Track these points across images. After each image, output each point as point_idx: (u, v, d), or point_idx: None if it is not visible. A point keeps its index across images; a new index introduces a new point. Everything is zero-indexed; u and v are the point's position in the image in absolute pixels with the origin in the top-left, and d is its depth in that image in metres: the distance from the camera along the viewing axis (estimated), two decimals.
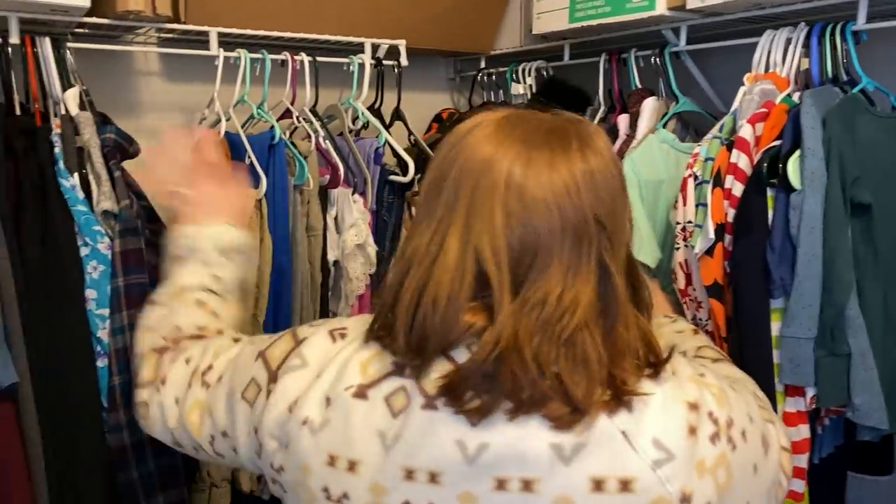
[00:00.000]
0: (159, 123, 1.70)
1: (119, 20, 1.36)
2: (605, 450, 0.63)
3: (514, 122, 0.69)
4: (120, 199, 1.21)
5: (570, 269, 0.64)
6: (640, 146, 1.36)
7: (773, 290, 1.07)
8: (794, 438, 1.09)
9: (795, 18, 1.28)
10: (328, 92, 1.63)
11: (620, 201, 0.68)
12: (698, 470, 0.64)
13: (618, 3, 1.43)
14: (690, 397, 0.66)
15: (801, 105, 1.10)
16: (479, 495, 0.64)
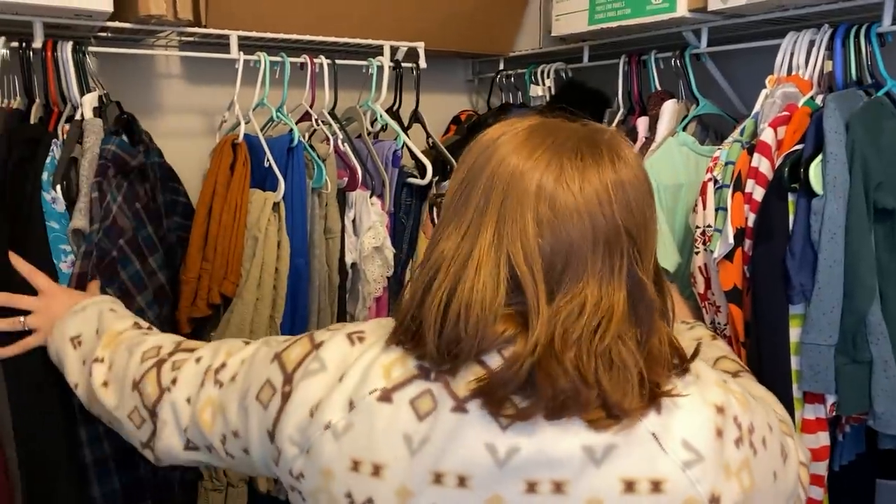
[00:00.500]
0: (180, 126, 1.72)
1: (141, 24, 1.37)
2: (636, 451, 0.63)
3: (545, 130, 0.69)
4: (94, 220, 1.17)
5: (602, 278, 0.64)
6: (659, 150, 1.34)
7: (792, 295, 1.06)
8: (813, 446, 1.07)
9: (819, 20, 1.26)
10: (347, 94, 1.64)
11: (649, 211, 0.69)
12: (725, 472, 0.65)
13: (638, 4, 1.42)
14: (718, 400, 0.67)
15: (824, 109, 1.08)
16: (508, 498, 0.64)
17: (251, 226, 1.37)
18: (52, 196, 1.16)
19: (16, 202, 1.14)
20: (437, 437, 0.65)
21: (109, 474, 1.17)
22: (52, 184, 1.16)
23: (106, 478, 1.17)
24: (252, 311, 1.36)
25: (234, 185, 1.39)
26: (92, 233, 1.16)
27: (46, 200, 1.15)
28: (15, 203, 1.14)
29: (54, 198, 1.16)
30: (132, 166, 1.25)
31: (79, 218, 1.16)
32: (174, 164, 1.50)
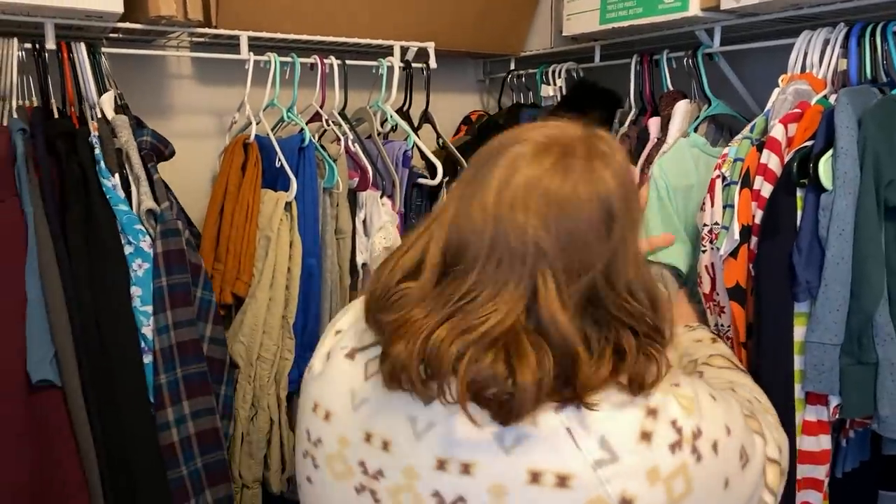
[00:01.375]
0: (191, 126, 1.72)
1: (152, 25, 1.38)
2: (547, 444, 0.63)
3: (535, 128, 0.70)
4: (160, 200, 1.23)
5: (496, 280, 0.64)
6: (670, 151, 1.33)
7: (798, 293, 1.04)
8: (814, 449, 1.05)
9: (834, 18, 1.25)
10: (357, 95, 1.64)
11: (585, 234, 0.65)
12: (649, 477, 0.63)
13: (650, 3, 1.41)
14: (651, 403, 0.65)
15: (837, 103, 1.06)
16: (421, 471, 0.66)
17: (263, 226, 1.37)
18: (113, 182, 1.22)
19: (76, 189, 1.19)
20: (373, 400, 0.70)
21: (194, 455, 1.22)
22: (110, 171, 1.22)
23: (191, 458, 1.22)
24: (265, 312, 1.36)
25: (246, 186, 1.39)
26: (164, 211, 1.22)
27: (109, 186, 1.21)
28: (76, 190, 1.19)
29: (115, 184, 1.22)
30: (166, 154, 1.32)
31: (147, 199, 1.22)
32: (185, 165, 1.50)
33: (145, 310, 1.19)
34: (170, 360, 1.19)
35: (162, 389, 1.18)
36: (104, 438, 1.14)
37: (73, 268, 1.14)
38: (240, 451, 1.37)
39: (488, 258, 0.64)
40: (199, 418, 1.22)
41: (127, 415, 1.16)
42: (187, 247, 1.23)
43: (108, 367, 1.15)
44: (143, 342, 1.18)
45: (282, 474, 1.41)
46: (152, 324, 1.19)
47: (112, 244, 1.18)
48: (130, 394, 1.17)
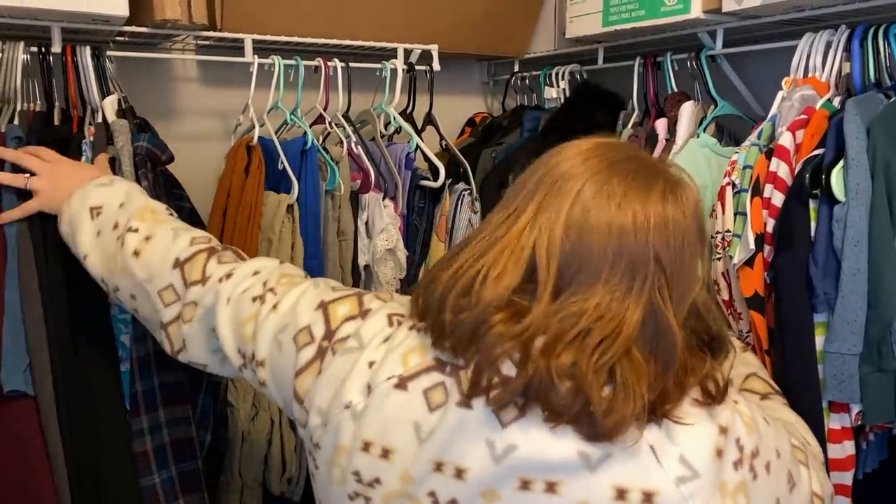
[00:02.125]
0: (196, 128, 1.74)
1: (157, 28, 1.39)
2: (632, 461, 0.64)
3: (610, 147, 0.73)
4: None
5: (615, 295, 0.65)
6: (682, 152, 1.32)
7: (816, 304, 1.04)
8: (839, 455, 1.05)
9: (836, 21, 1.24)
10: (361, 97, 1.64)
11: (689, 253, 0.69)
12: (721, 492, 0.65)
13: (652, 6, 1.41)
14: (722, 421, 0.67)
15: (845, 113, 1.06)
16: (502, 493, 0.66)
17: (265, 228, 1.38)
18: None
19: None
20: (444, 429, 0.67)
21: (167, 463, 1.21)
22: None
23: (164, 466, 1.21)
24: None
25: (249, 188, 1.40)
26: None
27: None
28: None
29: None
30: (163, 160, 1.31)
31: None
32: (189, 167, 1.51)
33: (124, 317, 1.18)
34: (147, 367, 1.18)
35: (138, 397, 1.18)
36: (74, 445, 1.13)
37: (51, 276, 1.13)
38: (240, 451, 1.38)
39: (612, 272, 0.65)
40: (175, 427, 1.21)
41: (100, 422, 1.15)
42: None
43: (83, 375, 1.14)
44: (122, 350, 1.18)
45: (282, 475, 1.42)
46: (131, 332, 1.18)
47: None
48: (105, 401, 1.16)
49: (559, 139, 1.57)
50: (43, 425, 1.11)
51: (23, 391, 1.08)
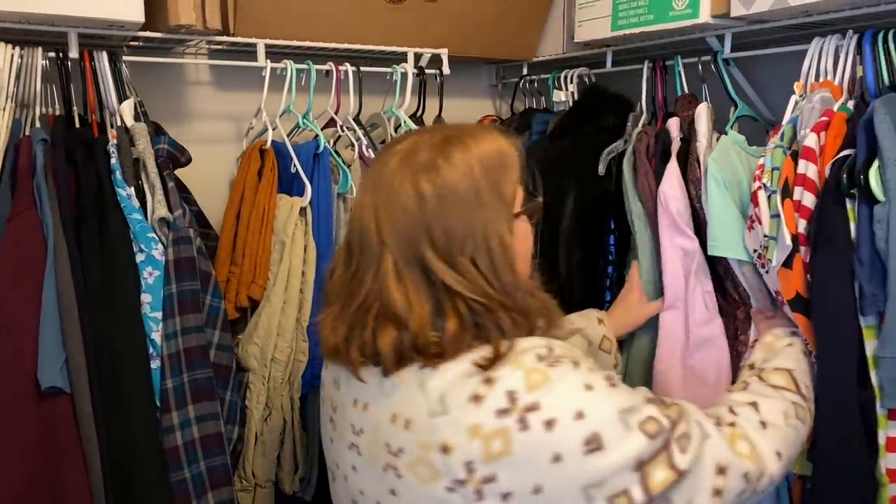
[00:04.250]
0: (209, 132, 1.76)
1: (171, 34, 1.41)
2: (406, 393, 0.80)
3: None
4: (173, 208, 1.26)
5: (391, 266, 0.81)
6: (716, 148, 1.30)
7: (865, 306, 1.02)
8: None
9: (844, 25, 1.25)
10: (371, 101, 1.66)
11: (469, 213, 0.82)
12: (470, 432, 0.76)
13: (661, 10, 1.42)
14: (492, 373, 0.78)
15: (874, 114, 1.04)
16: (345, 408, 0.88)
17: (278, 230, 1.40)
18: (128, 192, 1.25)
19: (92, 200, 1.22)
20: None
21: (197, 458, 1.25)
22: (126, 182, 1.25)
23: (194, 461, 1.25)
24: (279, 314, 1.39)
25: (262, 191, 1.42)
26: (176, 219, 1.25)
27: (124, 196, 1.24)
28: (92, 200, 1.22)
29: (129, 194, 1.25)
30: (182, 162, 1.35)
31: (161, 208, 1.25)
32: (203, 170, 1.53)
33: (155, 316, 1.21)
34: (177, 365, 1.22)
35: (168, 394, 1.21)
36: (108, 442, 1.17)
37: (87, 276, 1.17)
38: (253, 451, 1.40)
39: (361, 250, 0.84)
40: (204, 423, 1.25)
41: (132, 418, 1.19)
42: (198, 254, 1.26)
43: (116, 371, 1.18)
44: (152, 347, 1.21)
45: (294, 474, 1.44)
46: (161, 329, 1.21)
47: (124, 253, 1.21)
48: (137, 397, 1.19)
49: (568, 142, 1.62)
50: (78, 421, 1.15)
51: (59, 387, 1.12)
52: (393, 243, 0.81)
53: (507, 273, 0.82)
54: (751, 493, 0.84)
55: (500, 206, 0.84)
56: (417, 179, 0.81)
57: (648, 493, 0.76)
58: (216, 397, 1.27)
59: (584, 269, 1.50)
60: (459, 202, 0.81)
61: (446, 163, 0.82)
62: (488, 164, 0.84)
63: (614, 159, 1.52)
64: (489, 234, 0.82)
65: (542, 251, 1.49)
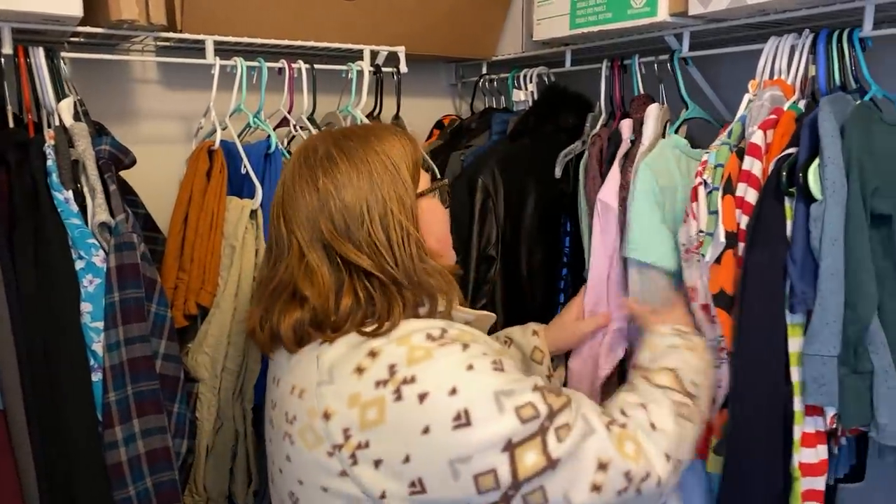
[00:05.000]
0: (157, 132, 1.70)
1: (113, 29, 1.35)
2: (305, 366, 0.88)
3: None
4: (115, 212, 1.20)
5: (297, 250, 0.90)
6: (653, 151, 1.31)
7: (794, 304, 1.03)
8: (812, 460, 1.04)
9: (800, 24, 1.25)
10: (327, 99, 1.62)
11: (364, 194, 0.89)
12: (350, 400, 0.82)
13: (619, 9, 1.41)
14: (376, 347, 0.84)
15: (819, 112, 1.05)
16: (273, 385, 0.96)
17: (228, 234, 1.35)
18: (65, 196, 1.18)
19: (26, 203, 1.16)
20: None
21: (143, 474, 1.20)
22: (63, 185, 1.18)
23: (140, 478, 1.19)
24: (230, 322, 1.34)
25: (211, 193, 1.36)
26: (118, 224, 1.19)
27: (61, 200, 1.17)
28: (25, 204, 1.16)
29: (67, 198, 1.18)
30: (126, 164, 1.29)
31: (101, 212, 1.18)
32: (151, 172, 1.47)
33: (95, 326, 1.15)
34: (120, 377, 1.16)
35: (111, 407, 1.15)
36: (46, 458, 1.11)
37: (20, 285, 1.11)
38: (204, 464, 1.34)
39: (276, 244, 0.93)
40: (150, 437, 1.19)
41: (71, 434, 1.13)
42: (142, 260, 1.20)
43: (53, 385, 1.12)
44: (93, 359, 1.15)
45: (248, 487, 1.39)
46: (103, 340, 1.15)
47: (61, 260, 1.14)
48: (76, 412, 1.14)
49: (528, 141, 1.60)
50: (12, 439, 1.09)
51: None
52: (298, 230, 0.89)
53: (404, 251, 0.88)
54: (634, 494, 0.84)
55: (399, 188, 0.90)
56: (314, 170, 0.90)
57: (516, 476, 0.78)
58: (163, 410, 1.22)
59: (545, 269, 1.49)
60: (354, 184, 0.89)
61: (341, 152, 0.91)
62: (384, 150, 0.92)
63: (571, 161, 1.51)
64: (386, 213, 0.88)
65: (505, 251, 1.47)
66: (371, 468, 0.80)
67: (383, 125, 1.04)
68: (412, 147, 0.96)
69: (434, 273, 0.91)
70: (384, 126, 1.01)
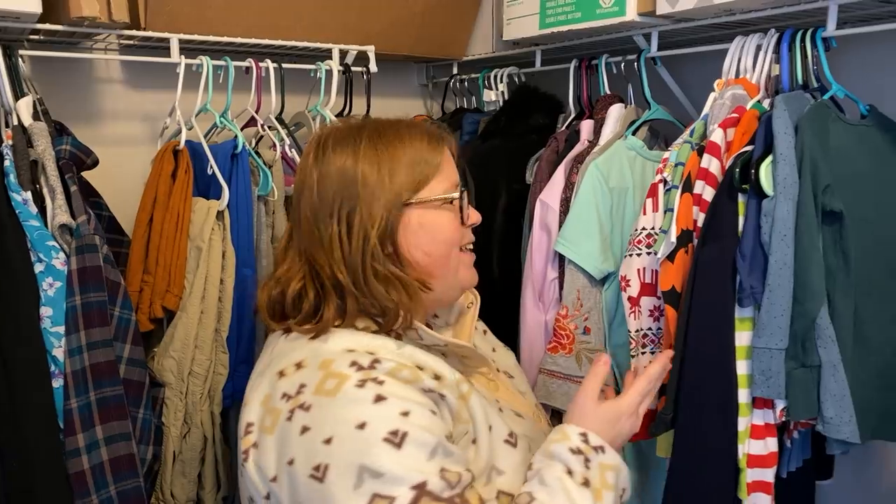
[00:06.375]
0: (121, 132, 1.66)
1: (74, 27, 1.31)
2: (265, 350, 0.92)
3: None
4: (76, 214, 1.17)
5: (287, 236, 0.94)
6: (606, 152, 1.33)
7: (742, 298, 1.04)
8: (761, 452, 1.06)
9: (766, 24, 1.26)
10: (295, 99, 1.60)
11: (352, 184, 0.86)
12: (263, 399, 0.82)
13: (588, 8, 1.41)
14: (304, 360, 0.83)
15: (774, 109, 1.07)
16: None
17: (194, 236, 1.32)
18: (23, 197, 1.15)
19: None
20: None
21: (106, 482, 1.17)
22: (21, 186, 1.15)
23: (103, 486, 1.16)
24: (197, 325, 1.31)
25: (176, 194, 1.34)
26: (79, 226, 1.15)
27: (18, 202, 1.14)
28: None
29: (25, 199, 1.15)
30: (87, 164, 1.26)
31: (62, 214, 1.15)
32: (116, 173, 1.45)
33: (56, 330, 1.12)
34: (82, 382, 1.13)
35: (72, 414, 1.12)
36: (5, 468, 1.08)
37: None
38: (171, 470, 1.31)
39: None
40: (114, 443, 1.16)
41: (31, 443, 1.10)
42: (105, 263, 1.17)
43: (12, 392, 1.09)
44: (54, 365, 1.12)
45: (217, 493, 1.36)
46: (64, 345, 1.12)
47: (20, 263, 1.11)
48: (36, 420, 1.10)
49: (499, 142, 1.60)
50: None
51: None
52: (295, 207, 0.92)
53: (357, 255, 0.85)
54: None
55: (380, 190, 0.86)
56: (314, 160, 0.89)
57: None
58: (127, 416, 1.19)
59: (517, 270, 1.48)
60: (334, 177, 0.87)
61: (339, 146, 0.89)
62: (388, 147, 0.88)
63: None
64: (355, 212, 0.86)
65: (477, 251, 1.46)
66: (254, 468, 0.80)
67: (417, 123, 0.95)
68: (429, 151, 0.90)
69: (395, 284, 0.86)
70: (415, 124, 0.94)
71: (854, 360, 1.05)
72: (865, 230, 1.09)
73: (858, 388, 1.04)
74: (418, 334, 0.89)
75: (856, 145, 1.12)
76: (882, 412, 1.11)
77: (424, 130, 0.92)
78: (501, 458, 0.85)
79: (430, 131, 0.93)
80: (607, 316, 1.29)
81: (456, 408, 0.83)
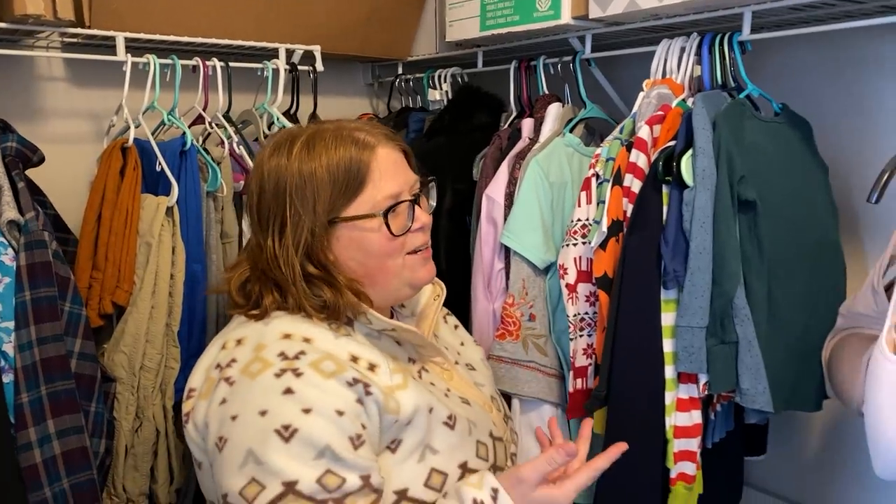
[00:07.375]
0: (65, 130, 1.65)
1: (17, 24, 1.31)
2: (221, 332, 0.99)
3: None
4: (24, 210, 1.17)
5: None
6: (545, 149, 1.40)
7: (667, 281, 1.13)
8: (686, 423, 1.15)
9: (690, 28, 1.35)
10: (243, 97, 1.62)
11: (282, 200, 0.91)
12: (206, 368, 0.91)
13: (525, 11, 1.48)
14: (244, 336, 0.90)
15: (694, 107, 1.17)
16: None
17: (144, 232, 1.34)
18: None
19: None
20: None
21: (59, 475, 1.17)
22: None
23: (56, 479, 1.17)
24: (147, 321, 1.32)
25: (125, 191, 1.35)
26: (28, 222, 1.16)
27: None
28: None
29: None
30: (34, 161, 1.26)
31: (10, 210, 1.15)
32: (60, 172, 1.44)
33: (6, 326, 1.13)
34: (33, 377, 1.14)
35: (24, 408, 1.13)
36: None
37: None
38: (123, 464, 1.32)
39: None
40: (66, 437, 1.17)
41: None
42: (54, 258, 1.18)
43: None
44: (3, 360, 1.13)
45: (170, 486, 1.38)
46: (14, 340, 1.13)
47: None
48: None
49: (443, 140, 1.65)
50: None
51: None
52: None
53: (290, 267, 0.90)
54: None
55: (305, 213, 0.90)
56: (266, 161, 0.94)
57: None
58: (79, 409, 1.20)
59: (463, 266, 1.53)
60: (266, 195, 0.92)
61: (274, 157, 0.93)
62: (312, 170, 0.90)
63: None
64: (284, 230, 0.91)
65: None
66: (193, 429, 0.89)
67: (350, 131, 0.93)
68: (358, 163, 0.90)
69: (329, 288, 0.91)
70: (347, 133, 0.93)
71: (768, 337, 1.15)
72: (778, 218, 1.19)
73: (771, 363, 1.14)
74: (367, 318, 0.92)
75: (769, 140, 1.22)
76: (793, 385, 1.21)
77: (353, 141, 0.91)
78: (437, 439, 0.90)
79: (360, 140, 0.91)
80: (551, 303, 1.36)
81: (382, 400, 0.86)
